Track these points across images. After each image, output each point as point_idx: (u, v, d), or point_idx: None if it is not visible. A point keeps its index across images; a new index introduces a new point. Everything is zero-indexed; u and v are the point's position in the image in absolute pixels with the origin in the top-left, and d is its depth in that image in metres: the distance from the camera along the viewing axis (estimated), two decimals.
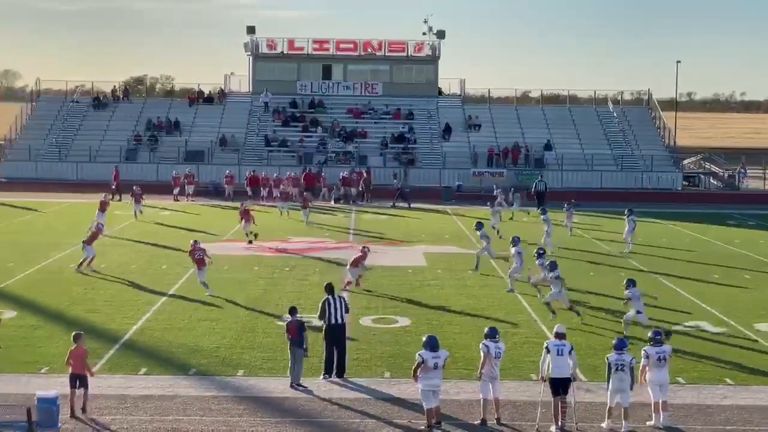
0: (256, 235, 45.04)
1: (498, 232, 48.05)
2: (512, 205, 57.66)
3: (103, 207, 46.69)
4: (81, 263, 36.85)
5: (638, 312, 28.32)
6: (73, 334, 21.58)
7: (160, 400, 21.60)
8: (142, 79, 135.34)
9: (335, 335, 23.91)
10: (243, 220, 45.92)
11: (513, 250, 35.02)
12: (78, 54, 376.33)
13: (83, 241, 37.43)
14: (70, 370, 20.76)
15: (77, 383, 20.56)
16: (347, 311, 24.46)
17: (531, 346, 26.37)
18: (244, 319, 29.50)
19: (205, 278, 33.51)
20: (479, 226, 39.97)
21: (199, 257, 33.91)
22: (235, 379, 23.44)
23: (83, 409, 20.48)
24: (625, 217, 45.39)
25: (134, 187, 54.30)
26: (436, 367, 20.00)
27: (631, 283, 28.72)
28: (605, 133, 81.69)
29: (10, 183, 70.65)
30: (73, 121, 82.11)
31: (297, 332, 22.93)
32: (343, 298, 24.73)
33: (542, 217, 45.28)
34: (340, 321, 24.01)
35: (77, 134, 79.99)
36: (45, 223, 51.08)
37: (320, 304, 24.23)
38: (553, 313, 29.37)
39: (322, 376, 23.58)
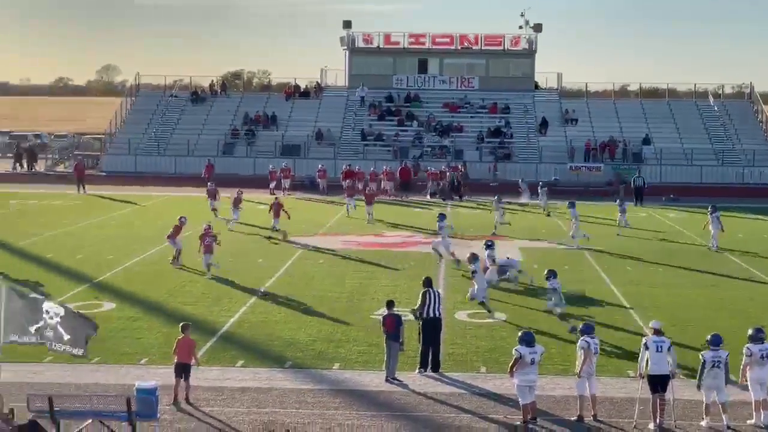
0: (285, 234, 43.95)
1: (496, 227, 47.40)
2: (540, 200, 56.89)
3: (236, 203, 47.56)
4: (174, 258, 37.25)
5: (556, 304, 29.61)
6: (181, 324, 21.95)
7: (256, 392, 21.77)
8: (239, 74, 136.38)
9: (432, 329, 23.84)
10: (273, 215, 45.91)
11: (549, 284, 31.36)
12: (176, 49, 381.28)
13: (167, 236, 37.90)
14: (175, 359, 21.05)
15: (181, 372, 20.84)
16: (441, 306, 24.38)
17: (628, 342, 26.06)
18: (339, 312, 29.60)
19: (211, 260, 34.75)
20: (441, 217, 40.20)
21: (208, 243, 34.90)
22: (330, 372, 23.53)
23: (186, 399, 20.75)
24: (708, 213, 44.09)
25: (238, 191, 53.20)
26: (532, 362, 19.87)
27: (551, 274, 29.75)
28: (705, 127, 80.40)
29: (109, 177, 71.68)
30: (172, 115, 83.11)
31: (394, 326, 22.93)
32: (439, 293, 24.66)
33: (570, 211, 45.20)
34: (438, 314, 23.96)
35: (175, 128, 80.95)
36: (144, 216, 51.74)
37: (420, 296, 24.15)
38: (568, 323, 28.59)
39: (417, 370, 23.54)
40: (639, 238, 46.01)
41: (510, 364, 20.11)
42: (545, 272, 30.40)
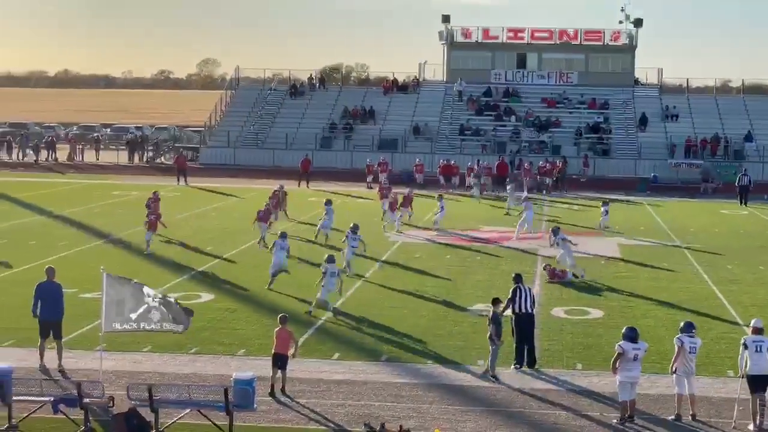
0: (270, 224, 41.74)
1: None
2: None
3: (404, 203, 47.51)
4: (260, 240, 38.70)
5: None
6: (280, 316, 22.08)
7: (352, 385, 21.86)
8: (337, 68, 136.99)
9: (523, 325, 23.76)
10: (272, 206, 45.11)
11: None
12: (275, 42, 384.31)
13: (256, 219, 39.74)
14: (273, 350, 21.23)
15: (278, 363, 21.03)
16: (534, 303, 24.28)
17: (728, 341, 25.69)
18: (435, 307, 29.60)
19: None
20: (556, 231, 38.23)
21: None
22: (426, 366, 23.53)
23: (283, 390, 20.94)
24: None
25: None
26: (635, 358, 19.68)
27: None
28: None
29: (207, 169, 72.48)
30: (270, 108, 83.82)
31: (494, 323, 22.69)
32: (531, 289, 24.58)
33: (602, 208, 46.95)
34: (529, 310, 23.86)
35: (274, 122, 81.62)
36: (242, 208, 52.15)
37: (510, 292, 24.10)
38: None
39: (512, 367, 23.45)
40: (740, 237, 45.29)
41: (612, 359, 19.95)
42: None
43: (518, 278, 24.69)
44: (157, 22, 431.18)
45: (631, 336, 19.86)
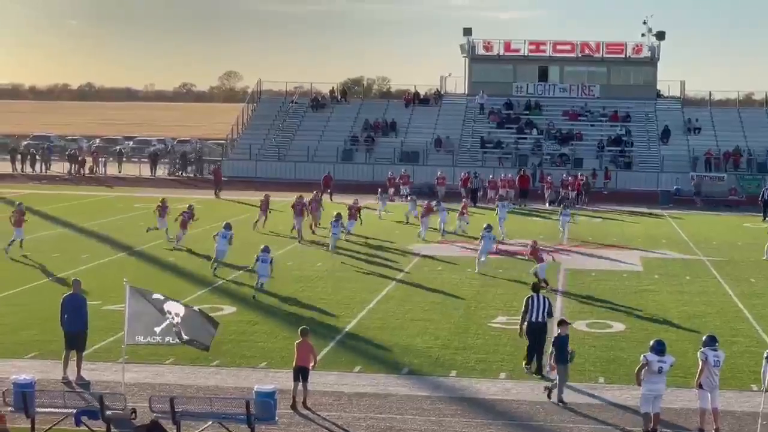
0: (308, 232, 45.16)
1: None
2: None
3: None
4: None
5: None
6: (301, 328, 22.07)
7: (373, 398, 21.85)
8: (359, 81, 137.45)
9: (535, 333, 24.11)
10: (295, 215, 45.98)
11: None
12: (297, 55, 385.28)
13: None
14: (294, 363, 21.25)
15: (300, 376, 21.04)
16: (550, 314, 24.54)
17: (751, 355, 25.57)
18: (457, 319, 29.57)
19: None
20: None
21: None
22: (447, 379, 23.51)
23: (304, 403, 20.97)
24: None
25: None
26: (660, 371, 19.60)
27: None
28: None
29: (230, 181, 72.61)
30: (292, 121, 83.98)
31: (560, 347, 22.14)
32: (548, 299, 24.75)
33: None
34: (541, 320, 24.15)
35: (296, 135, 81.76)
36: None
37: (524, 301, 24.46)
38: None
39: (524, 367, 24.06)
40: (763, 250, 45.07)
41: (636, 369, 19.92)
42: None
43: (535, 287, 25.14)
44: (179, 35, 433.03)
45: (659, 349, 19.77)
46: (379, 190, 57.57)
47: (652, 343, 20.11)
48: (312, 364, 21.31)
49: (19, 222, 40.17)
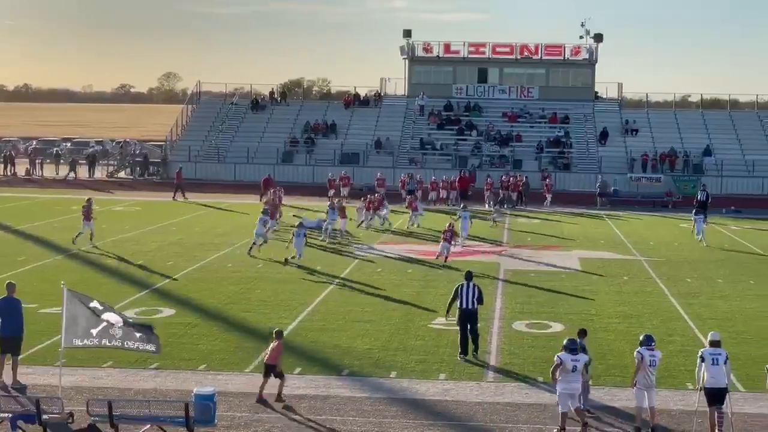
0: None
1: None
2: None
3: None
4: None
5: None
6: (275, 330, 22.46)
7: (313, 399, 21.82)
8: (299, 82, 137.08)
9: (466, 319, 25.39)
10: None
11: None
12: (237, 57, 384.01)
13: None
14: (265, 360, 21.83)
15: (269, 373, 21.56)
16: (480, 301, 25.74)
17: (687, 354, 25.81)
18: (397, 321, 29.59)
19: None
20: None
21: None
22: (387, 380, 23.53)
23: (279, 397, 21.50)
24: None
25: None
26: (574, 369, 19.78)
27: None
28: (767, 138, 79.67)
29: (169, 183, 72.19)
30: (232, 122, 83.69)
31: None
32: (478, 287, 25.85)
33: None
34: (471, 306, 25.37)
35: (235, 136, 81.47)
36: (203, 223, 52.06)
37: (454, 288, 25.98)
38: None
39: (458, 356, 24.97)
40: (699, 250, 45.64)
41: (551, 369, 20.20)
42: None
43: (468, 275, 26.29)
44: (118, 36, 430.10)
45: (572, 348, 19.97)
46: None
47: (565, 341, 20.29)
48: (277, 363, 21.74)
49: None
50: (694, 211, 50.02)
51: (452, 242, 41.40)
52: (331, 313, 30.48)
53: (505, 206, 62.62)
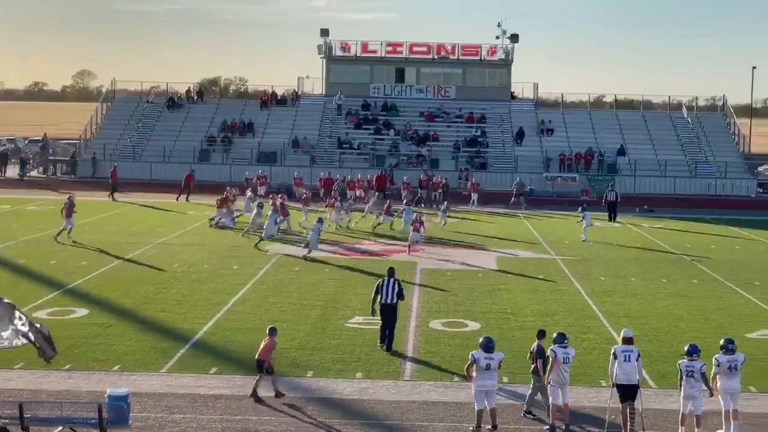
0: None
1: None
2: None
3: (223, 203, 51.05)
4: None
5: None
6: (269, 327, 22.78)
7: (230, 399, 21.73)
8: (216, 81, 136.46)
9: (386, 313, 26.28)
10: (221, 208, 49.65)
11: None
12: (153, 55, 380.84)
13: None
14: (257, 356, 22.08)
15: (259, 368, 21.92)
16: (401, 296, 26.46)
17: (601, 351, 26.12)
18: (314, 320, 29.57)
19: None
20: None
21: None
22: (304, 380, 23.51)
23: (277, 393, 21.87)
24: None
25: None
26: (488, 368, 19.95)
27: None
28: (679, 139, 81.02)
29: (82, 182, 71.36)
30: (148, 121, 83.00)
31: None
32: (398, 282, 26.57)
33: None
34: (390, 301, 26.19)
35: (151, 135, 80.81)
36: (118, 222, 51.57)
37: (375, 284, 26.78)
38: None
39: (378, 345, 26.01)
40: (612, 249, 46.19)
41: (465, 366, 20.46)
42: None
43: (390, 272, 26.98)
44: (30, 32, 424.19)
45: (488, 346, 20.14)
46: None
47: (480, 339, 20.46)
48: (267, 360, 21.97)
49: None
50: (580, 208, 50.80)
51: (419, 232, 44.87)
52: (247, 313, 30.37)
53: (422, 205, 62.81)
